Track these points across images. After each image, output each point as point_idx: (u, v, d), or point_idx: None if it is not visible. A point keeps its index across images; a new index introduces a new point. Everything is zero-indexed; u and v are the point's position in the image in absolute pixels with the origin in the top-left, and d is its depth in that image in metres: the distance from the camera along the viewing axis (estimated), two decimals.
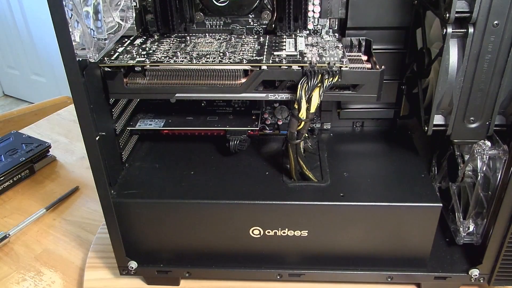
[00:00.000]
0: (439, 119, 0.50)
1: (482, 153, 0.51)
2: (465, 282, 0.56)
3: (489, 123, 0.48)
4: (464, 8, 0.42)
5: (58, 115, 1.07)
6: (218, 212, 0.53)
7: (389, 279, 0.56)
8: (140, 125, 0.60)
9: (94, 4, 0.44)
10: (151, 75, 0.49)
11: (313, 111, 0.47)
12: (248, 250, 0.55)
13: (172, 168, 0.57)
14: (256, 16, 0.57)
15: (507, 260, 0.53)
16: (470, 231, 0.55)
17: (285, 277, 0.57)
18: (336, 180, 0.54)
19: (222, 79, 0.48)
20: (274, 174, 0.56)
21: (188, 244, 0.56)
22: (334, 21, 0.57)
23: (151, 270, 0.58)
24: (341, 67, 0.46)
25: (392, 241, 0.54)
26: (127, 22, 0.51)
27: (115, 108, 0.54)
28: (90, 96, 0.45)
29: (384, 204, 0.51)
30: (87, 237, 0.70)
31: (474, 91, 0.46)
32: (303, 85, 0.46)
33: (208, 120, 0.60)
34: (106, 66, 0.48)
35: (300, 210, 0.51)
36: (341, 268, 0.56)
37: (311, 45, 0.53)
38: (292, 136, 0.49)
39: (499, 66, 0.44)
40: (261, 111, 0.63)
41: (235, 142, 0.56)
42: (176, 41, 0.55)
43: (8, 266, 0.66)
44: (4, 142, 0.85)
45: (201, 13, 0.57)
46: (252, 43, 0.54)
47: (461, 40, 0.44)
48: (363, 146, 0.62)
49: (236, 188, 0.53)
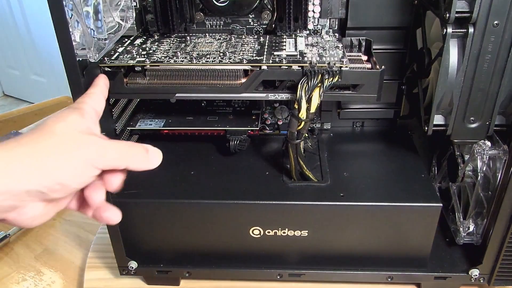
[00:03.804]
0: (439, 119, 0.50)
1: (482, 153, 0.51)
2: (465, 282, 0.56)
3: (489, 123, 0.48)
4: (464, 8, 0.42)
5: None
6: (218, 212, 0.53)
7: (389, 279, 0.56)
8: (140, 125, 0.60)
9: (94, 4, 0.44)
10: (151, 75, 0.49)
11: (313, 111, 0.47)
12: (248, 250, 0.55)
13: (172, 168, 0.57)
14: (256, 16, 0.57)
15: (507, 260, 0.53)
16: (470, 231, 0.55)
17: (285, 277, 0.57)
18: (336, 180, 0.54)
19: (222, 79, 0.48)
20: (274, 174, 0.56)
21: (188, 244, 0.56)
22: (334, 21, 0.57)
23: (151, 270, 0.58)
24: (341, 67, 0.46)
25: (392, 241, 0.54)
26: (127, 22, 0.51)
27: (115, 108, 0.54)
28: None
29: (384, 204, 0.51)
30: (87, 237, 0.70)
31: (474, 91, 0.46)
32: (303, 85, 0.46)
33: (208, 120, 0.60)
34: (106, 66, 0.48)
35: (300, 210, 0.51)
36: (341, 268, 0.56)
37: (311, 45, 0.53)
38: (292, 136, 0.49)
39: (499, 66, 0.44)
40: (261, 111, 0.63)
41: (235, 142, 0.56)
42: (176, 41, 0.55)
43: (8, 266, 0.66)
44: None
45: (201, 13, 0.57)
46: (252, 43, 0.54)
47: (461, 40, 0.44)
48: (363, 146, 0.62)
49: (236, 188, 0.53)
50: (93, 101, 0.42)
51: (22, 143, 0.33)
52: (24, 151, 0.33)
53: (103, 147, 0.36)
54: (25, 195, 0.33)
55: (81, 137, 0.36)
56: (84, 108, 0.39)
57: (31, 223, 0.35)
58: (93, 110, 0.41)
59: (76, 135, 0.36)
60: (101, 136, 0.38)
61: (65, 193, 0.35)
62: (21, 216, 0.34)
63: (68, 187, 0.35)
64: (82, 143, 0.35)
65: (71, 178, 0.34)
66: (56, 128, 0.35)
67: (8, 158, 0.32)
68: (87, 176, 0.36)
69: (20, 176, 0.32)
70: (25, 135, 0.34)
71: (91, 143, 0.36)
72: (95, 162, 0.35)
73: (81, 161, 0.35)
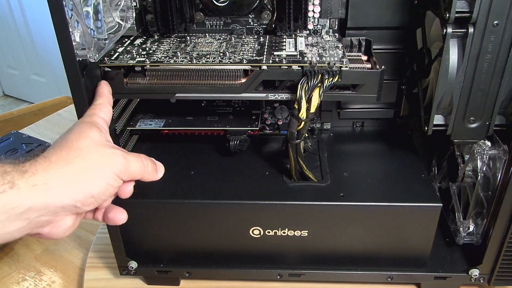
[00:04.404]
0: (439, 119, 0.50)
1: (482, 153, 0.51)
2: (465, 282, 0.56)
3: (489, 123, 0.48)
4: (464, 8, 0.42)
5: (58, 115, 1.07)
6: (218, 212, 0.53)
7: (389, 279, 0.56)
8: (140, 125, 0.60)
9: (94, 4, 0.44)
10: (151, 75, 0.49)
11: (313, 111, 0.47)
12: (248, 250, 0.55)
13: (172, 168, 0.57)
14: (256, 16, 0.57)
15: (507, 260, 0.53)
16: (470, 231, 0.55)
17: (285, 277, 0.57)
18: (336, 180, 0.54)
19: (222, 79, 0.48)
20: (274, 174, 0.56)
21: (188, 244, 0.56)
22: (334, 21, 0.57)
23: (151, 270, 0.58)
24: (341, 67, 0.46)
25: (392, 241, 0.54)
26: (127, 22, 0.51)
27: (115, 108, 0.54)
28: (90, 96, 0.45)
29: (384, 204, 0.51)
30: (87, 237, 0.70)
31: (474, 91, 0.46)
32: (303, 85, 0.46)
33: (208, 120, 0.60)
34: (106, 66, 0.48)
35: (300, 210, 0.51)
36: (341, 268, 0.56)
37: (311, 45, 0.53)
38: (292, 136, 0.49)
39: (499, 66, 0.44)
40: (261, 111, 0.63)
41: (235, 142, 0.56)
42: (176, 41, 0.55)
43: (8, 266, 0.66)
44: (4, 142, 0.85)
45: (201, 13, 0.57)
46: (252, 43, 0.54)
47: (461, 40, 0.44)
48: (363, 146, 0.62)
49: (236, 188, 0.53)
50: (103, 112, 0.44)
51: (54, 161, 0.36)
52: (57, 169, 0.36)
53: (126, 160, 0.40)
54: (60, 210, 0.36)
55: (106, 152, 0.39)
56: (97, 121, 0.42)
57: (62, 235, 0.38)
58: (104, 122, 0.43)
59: (101, 150, 0.39)
60: (120, 148, 0.41)
61: (96, 205, 0.39)
62: (55, 229, 0.37)
63: (99, 199, 0.38)
64: (108, 158, 0.39)
65: (102, 191, 0.38)
66: (81, 145, 0.38)
67: (44, 178, 0.34)
68: (114, 188, 0.39)
69: (56, 193, 0.35)
70: (52, 153, 0.37)
71: (116, 157, 0.39)
72: (121, 174, 0.39)
73: (110, 174, 0.38)
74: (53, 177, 0.35)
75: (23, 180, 0.33)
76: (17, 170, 0.34)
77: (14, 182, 0.33)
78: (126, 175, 0.40)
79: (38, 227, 0.36)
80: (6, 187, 0.32)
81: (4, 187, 0.32)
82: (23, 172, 0.34)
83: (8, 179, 0.33)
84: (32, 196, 0.34)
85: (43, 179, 0.34)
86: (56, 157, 0.36)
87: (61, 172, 0.36)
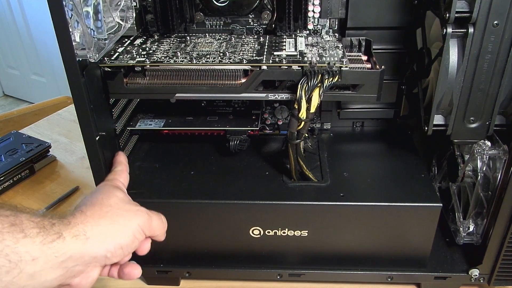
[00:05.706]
0: (439, 119, 0.50)
1: (482, 153, 0.51)
2: (465, 282, 0.56)
3: (489, 123, 0.48)
4: (464, 8, 0.42)
5: (58, 115, 1.07)
6: (218, 212, 0.53)
7: (389, 279, 0.56)
8: (140, 125, 0.60)
9: (94, 4, 0.44)
10: (151, 75, 0.49)
11: (313, 111, 0.47)
12: (248, 250, 0.55)
13: (172, 168, 0.57)
14: (256, 16, 0.57)
15: (507, 260, 0.53)
16: (470, 231, 0.55)
17: (285, 277, 0.57)
18: (336, 180, 0.54)
19: (222, 79, 0.48)
20: (274, 174, 0.56)
21: (188, 244, 0.56)
22: (334, 21, 0.57)
23: (151, 270, 0.58)
24: (341, 67, 0.46)
25: (392, 241, 0.54)
26: (127, 22, 0.51)
27: (115, 108, 0.54)
28: (90, 96, 0.46)
29: (384, 204, 0.51)
30: None
31: (474, 91, 0.46)
32: (303, 85, 0.46)
33: (208, 120, 0.60)
34: (106, 66, 0.48)
35: (300, 210, 0.51)
36: (341, 268, 0.56)
37: (311, 45, 0.53)
38: (292, 136, 0.49)
39: (499, 66, 0.44)
40: (261, 111, 0.63)
41: (235, 142, 0.56)
42: (176, 41, 0.55)
43: None
44: (4, 142, 0.85)
45: (201, 13, 0.57)
46: (252, 43, 0.54)
47: (461, 40, 0.44)
48: (363, 146, 0.62)
49: (236, 188, 0.53)
50: (122, 178, 0.50)
51: (89, 215, 0.40)
52: (93, 222, 0.40)
53: (149, 216, 0.45)
54: (92, 260, 0.39)
55: (133, 208, 0.45)
56: (119, 185, 0.49)
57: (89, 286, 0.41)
58: (123, 185, 0.50)
59: (128, 207, 0.44)
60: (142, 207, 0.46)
61: (122, 257, 0.42)
62: (84, 280, 0.40)
63: (126, 251, 0.42)
64: (134, 213, 0.44)
65: (129, 243, 0.42)
66: (111, 202, 0.43)
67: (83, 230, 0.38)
68: (138, 241, 0.44)
69: (93, 243, 0.39)
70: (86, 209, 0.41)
71: (141, 213, 0.45)
72: (144, 229, 0.44)
73: (136, 227, 0.43)
74: (90, 229, 0.39)
75: (67, 231, 0.37)
76: (62, 222, 0.38)
77: (61, 233, 0.37)
78: (149, 230, 0.45)
79: (71, 277, 0.38)
80: (54, 237, 0.36)
81: (53, 237, 0.36)
82: (67, 224, 0.38)
83: (56, 230, 0.36)
84: (73, 245, 0.37)
85: (83, 230, 0.38)
86: (90, 212, 0.41)
87: (97, 224, 0.40)
